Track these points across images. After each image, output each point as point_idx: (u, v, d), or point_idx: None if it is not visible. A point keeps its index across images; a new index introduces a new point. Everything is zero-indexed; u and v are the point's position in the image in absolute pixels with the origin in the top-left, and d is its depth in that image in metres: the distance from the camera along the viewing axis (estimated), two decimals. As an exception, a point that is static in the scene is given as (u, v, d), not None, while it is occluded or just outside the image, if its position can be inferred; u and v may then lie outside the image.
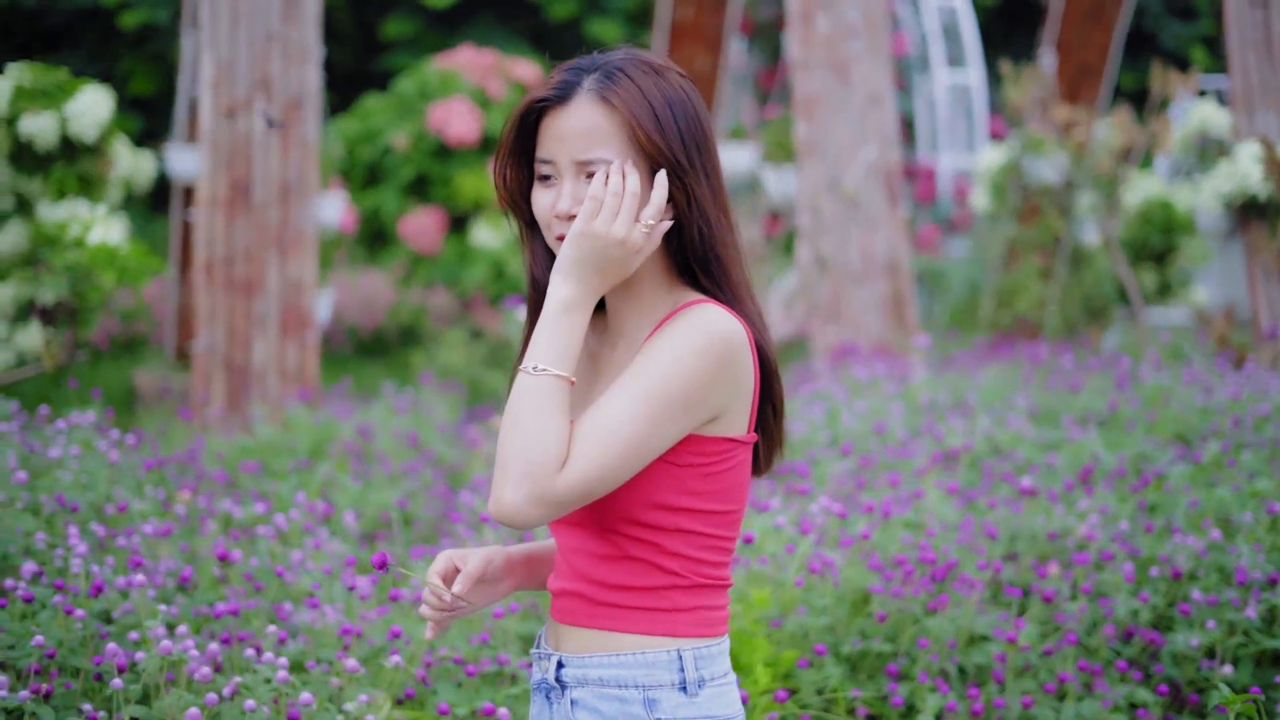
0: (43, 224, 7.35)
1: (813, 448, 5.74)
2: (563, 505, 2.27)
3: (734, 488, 2.42)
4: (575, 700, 2.42)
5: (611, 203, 2.32)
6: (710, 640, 2.42)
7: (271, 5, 8.33)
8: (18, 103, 10.37)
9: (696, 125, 2.39)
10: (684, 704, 2.38)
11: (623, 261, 2.34)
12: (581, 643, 2.43)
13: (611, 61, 2.40)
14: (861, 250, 8.61)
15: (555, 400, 2.29)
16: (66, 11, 18.22)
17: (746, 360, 2.37)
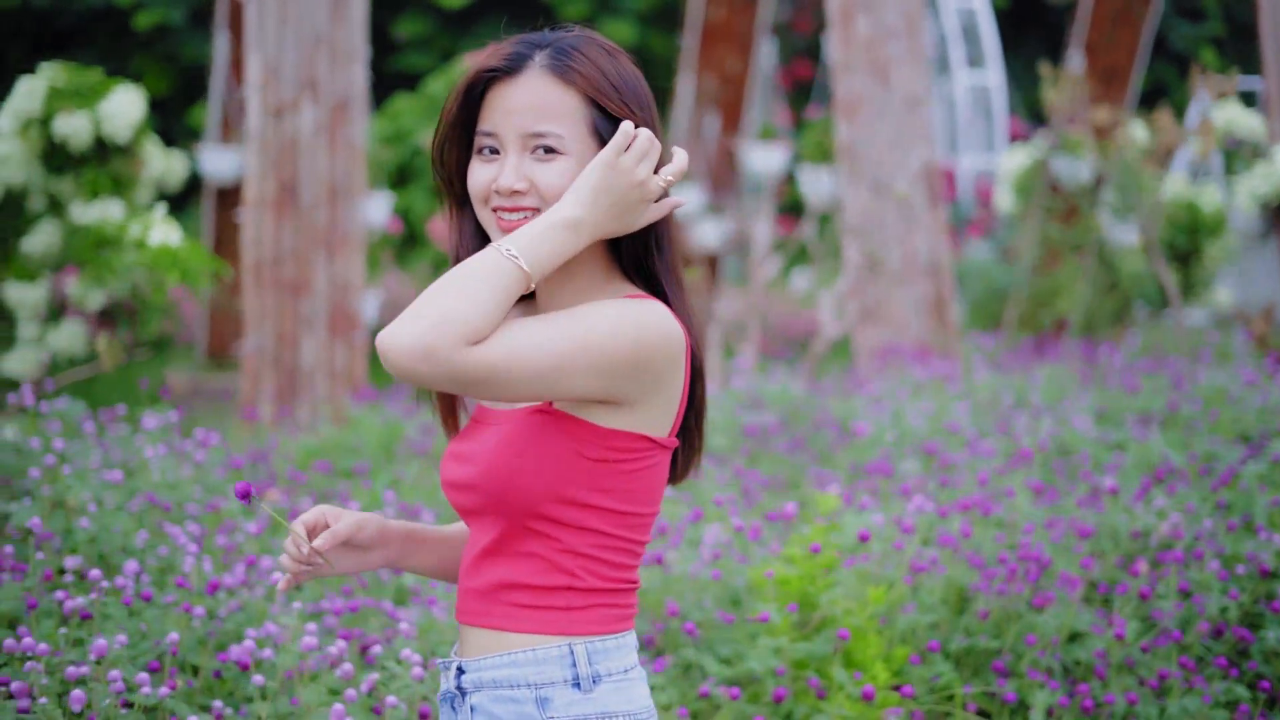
0: (99, 225, 7.36)
1: (882, 447, 5.79)
2: (450, 376, 2.14)
3: (646, 490, 2.34)
4: (474, 706, 2.36)
5: (643, 144, 2.26)
6: (608, 636, 2.35)
7: (319, 7, 8.36)
8: (52, 103, 10.41)
9: (649, 112, 2.35)
10: (577, 700, 2.31)
11: (634, 207, 2.26)
12: (479, 644, 2.37)
13: (565, 39, 2.35)
14: (903, 251, 8.65)
15: (505, 286, 2.18)
16: (78, 12, 18.23)
17: (677, 365, 2.30)
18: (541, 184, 2.29)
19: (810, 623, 3.99)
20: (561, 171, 2.29)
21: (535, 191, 2.30)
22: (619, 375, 2.24)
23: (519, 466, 2.28)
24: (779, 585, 4.02)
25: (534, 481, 2.28)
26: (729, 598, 4.26)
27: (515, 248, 2.20)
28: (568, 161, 2.29)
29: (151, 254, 7.05)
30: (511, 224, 2.31)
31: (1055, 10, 19.87)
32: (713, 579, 4.20)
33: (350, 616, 4.04)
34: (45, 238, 10.64)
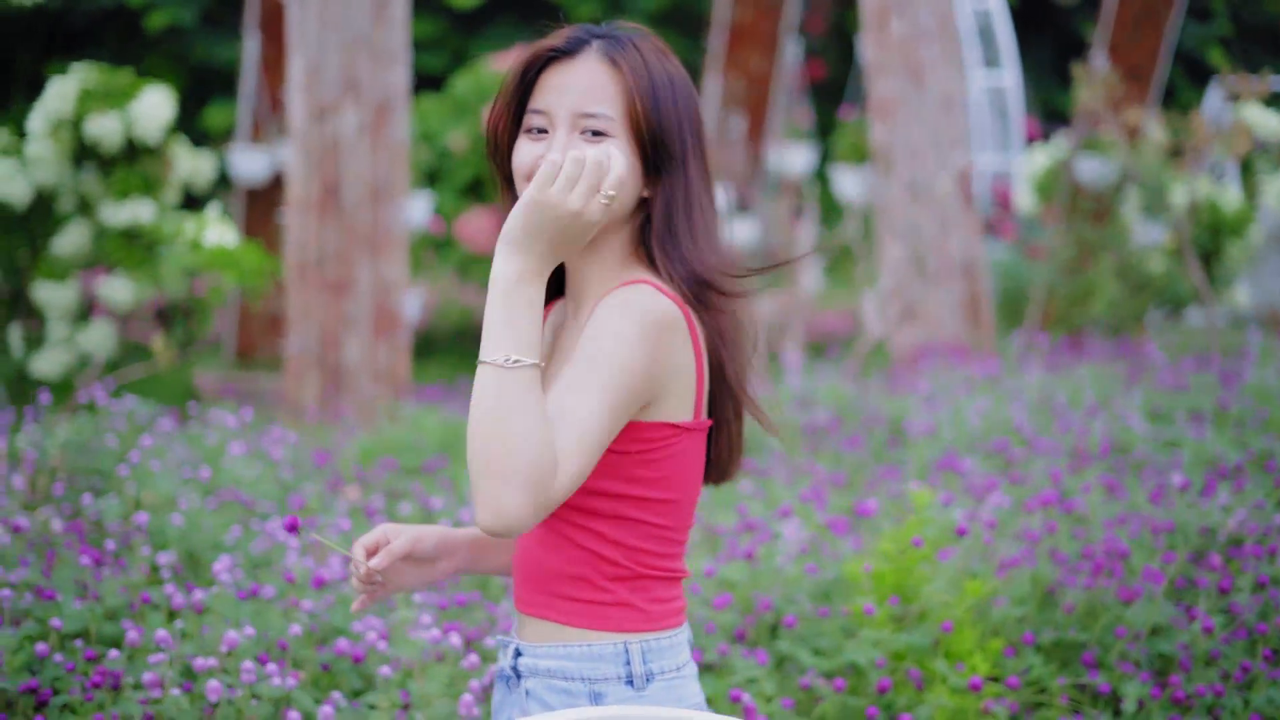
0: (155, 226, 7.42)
1: (943, 445, 5.86)
2: (541, 509, 2.17)
3: (677, 475, 2.38)
4: (529, 691, 2.42)
5: (571, 169, 2.23)
6: (661, 633, 2.40)
7: (360, 8, 8.42)
8: (83, 104, 10.46)
9: (692, 111, 2.40)
10: (631, 698, 2.36)
11: (579, 234, 2.25)
12: (536, 632, 2.42)
13: (623, 31, 2.42)
14: (938, 251, 8.73)
15: (536, 394, 2.18)
16: (89, 13, 18.26)
17: (680, 341, 2.33)
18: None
19: (906, 615, 4.06)
20: (613, 153, 2.32)
21: None
22: (649, 384, 2.29)
23: None
24: (874, 579, 4.10)
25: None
26: (819, 591, 4.33)
27: (505, 351, 2.19)
28: (614, 145, 2.34)
29: (207, 255, 7.09)
30: None
31: (1064, 11, 19.96)
32: (807, 573, 4.27)
33: (456, 610, 4.11)
34: (75, 238, 10.70)
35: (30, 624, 4.01)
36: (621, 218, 2.40)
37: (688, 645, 2.46)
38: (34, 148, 10.50)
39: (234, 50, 17.96)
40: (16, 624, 3.97)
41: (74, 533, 4.84)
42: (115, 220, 10.46)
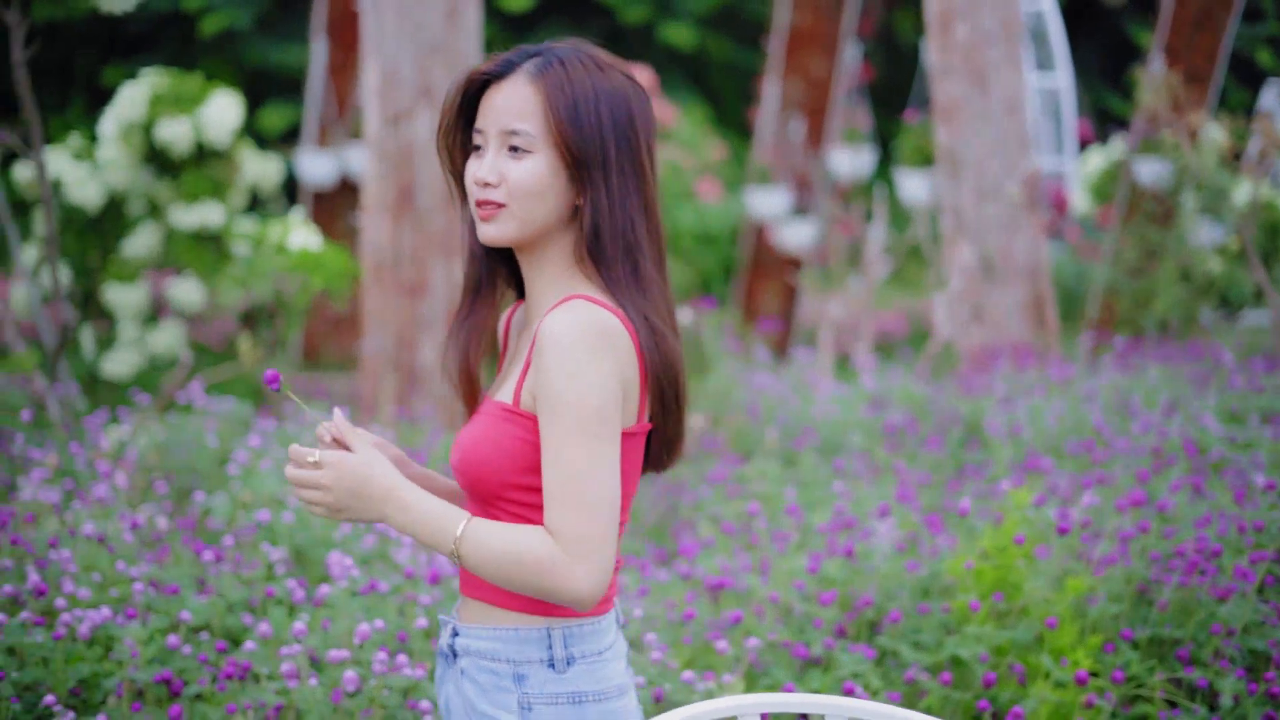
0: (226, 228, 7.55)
1: (1026, 446, 5.95)
2: (605, 575, 2.39)
3: (625, 476, 2.51)
4: (463, 670, 2.57)
5: (314, 506, 2.47)
6: (585, 619, 2.53)
7: (434, 14, 8.55)
8: (154, 109, 10.62)
9: (623, 123, 2.51)
10: (551, 680, 2.50)
11: (350, 490, 2.43)
12: (472, 613, 2.58)
13: (555, 50, 2.54)
14: (1003, 253, 8.81)
15: (492, 538, 2.41)
16: (146, 18, 18.44)
17: (623, 349, 2.44)
18: (509, 179, 2.50)
19: (1009, 611, 4.17)
20: (529, 169, 2.49)
21: (505, 185, 2.50)
22: (615, 396, 2.42)
23: (485, 456, 2.49)
24: (975, 576, 4.20)
25: (498, 471, 2.48)
26: (918, 588, 4.44)
27: (449, 541, 2.43)
28: (534, 159, 2.49)
29: (294, 258, 7.23)
30: (486, 214, 2.52)
31: (1113, 12, 19.98)
32: (907, 570, 4.38)
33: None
34: (145, 241, 10.86)
35: (156, 617, 4.13)
36: (555, 224, 2.54)
37: (614, 629, 2.60)
38: (105, 152, 10.68)
39: (289, 53, 18.12)
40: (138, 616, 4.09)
41: (182, 530, 4.97)
42: (184, 223, 10.63)
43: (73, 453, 5.86)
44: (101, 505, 5.01)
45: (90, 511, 4.93)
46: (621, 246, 2.50)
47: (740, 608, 4.35)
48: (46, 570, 4.34)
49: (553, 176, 2.50)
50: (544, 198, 2.50)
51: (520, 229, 2.51)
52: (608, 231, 2.50)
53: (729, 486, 5.68)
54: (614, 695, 2.55)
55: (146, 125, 10.67)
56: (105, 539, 4.56)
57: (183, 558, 4.67)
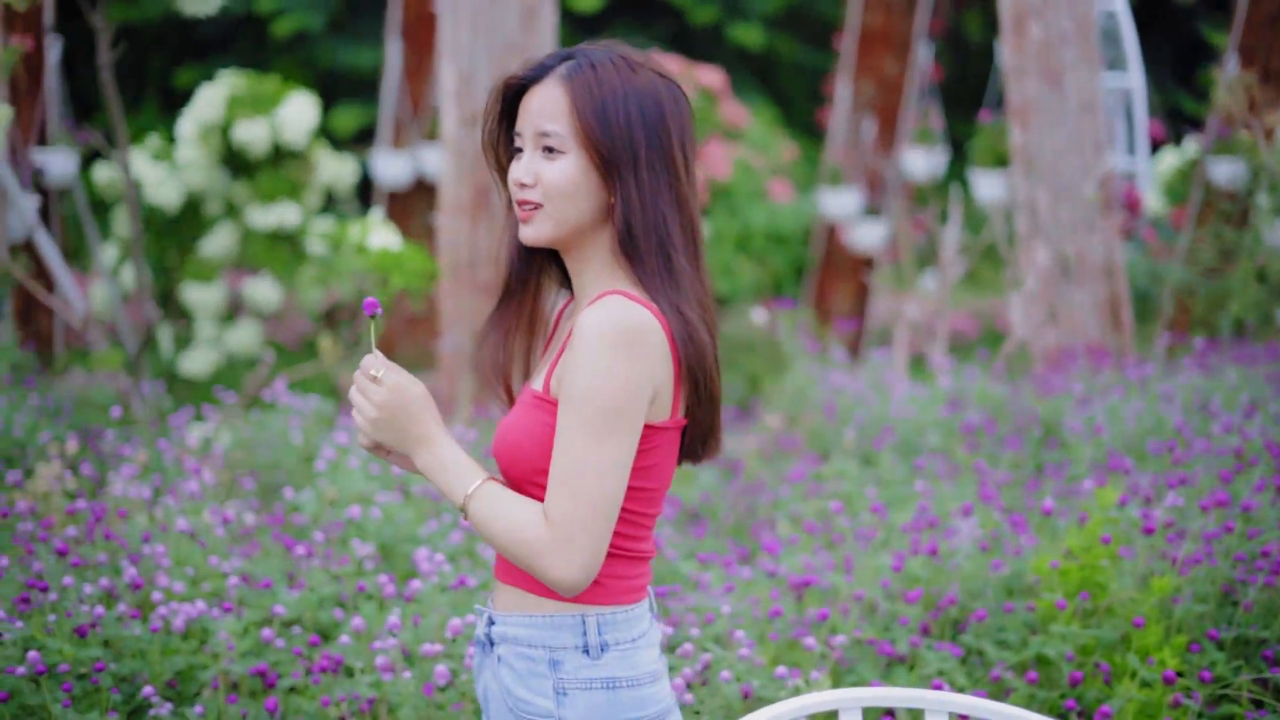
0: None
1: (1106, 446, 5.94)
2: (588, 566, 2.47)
3: (653, 468, 2.58)
4: (500, 657, 2.62)
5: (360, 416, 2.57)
6: (619, 608, 2.59)
7: (510, 16, 8.61)
8: (232, 110, 10.74)
9: (653, 121, 2.57)
10: (586, 665, 2.56)
11: (396, 415, 2.53)
12: (507, 600, 2.64)
13: (587, 52, 2.62)
14: (1079, 254, 8.79)
15: (499, 503, 2.51)
16: (219, 20, 18.60)
17: (656, 346, 2.50)
18: (544, 180, 2.57)
19: (1094, 611, 4.18)
20: (561, 169, 2.56)
21: (540, 186, 2.58)
22: (641, 394, 2.49)
23: (517, 440, 2.57)
24: (1060, 575, 4.22)
25: (528, 457, 2.55)
26: (1001, 587, 4.46)
27: (459, 495, 2.54)
28: (566, 160, 2.56)
29: (374, 257, 7.30)
30: (525, 214, 2.60)
31: (1184, 12, 19.85)
32: (992, 569, 4.39)
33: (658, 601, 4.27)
34: (222, 241, 10.99)
35: (249, 611, 4.20)
36: (591, 223, 2.60)
37: (648, 618, 2.65)
38: (184, 153, 10.81)
39: (360, 55, 18.24)
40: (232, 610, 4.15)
41: (270, 525, 5.04)
42: (261, 223, 10.75)
43: (160, 449, 5.95)
44: (191, 501, 5.09)
45: (181, 507, 5.01)
46: (654, 242, 2.56)
47: (825, 605, 4.38)
48: (140, 564, 4.42)
49: (584, 176, 2.57)
50: (576, 197, 2.57)
51: (556, 228, 2.58)
52: (640, 227, 2.56)
53: (807, 485, 5.70)
54: (647, 681, 2.60)
55: (224, 126, 10.80)
56: (196, 534, 4.64)
57: (272, 553, 4.75)
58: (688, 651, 3.70)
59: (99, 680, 3.87)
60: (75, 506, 4.87)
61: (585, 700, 2.54)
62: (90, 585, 4.20)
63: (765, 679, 3.83)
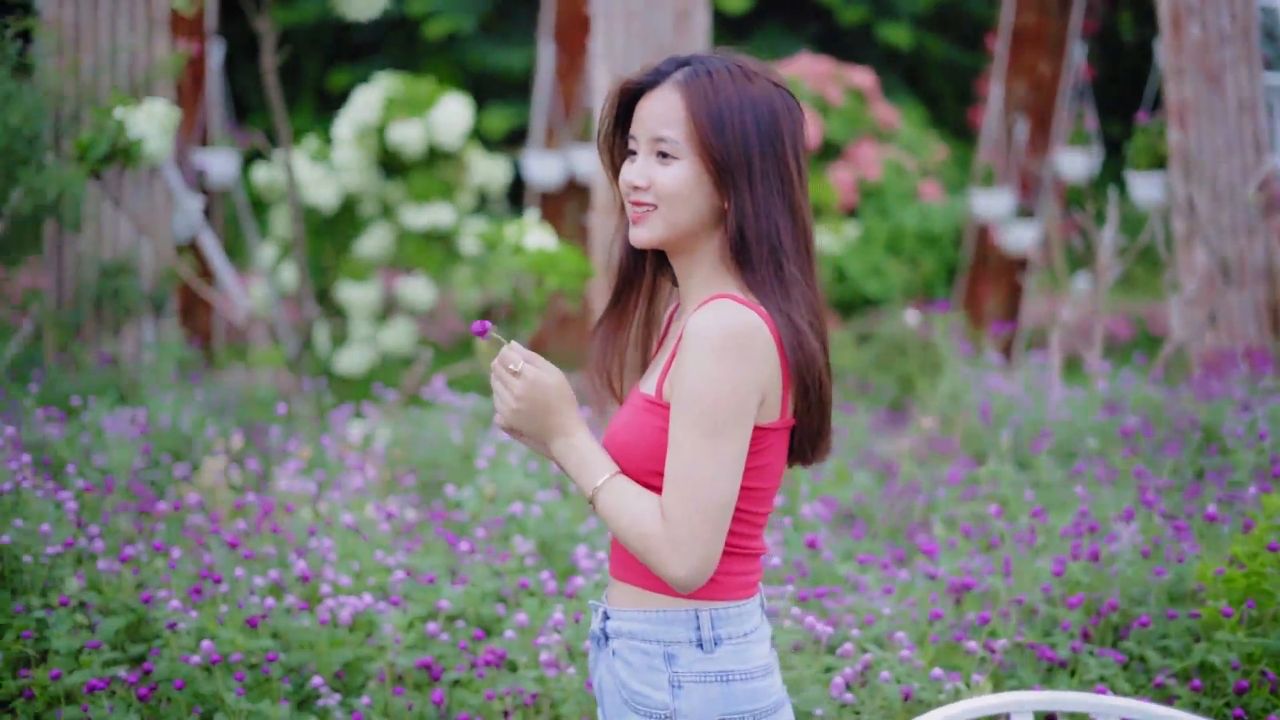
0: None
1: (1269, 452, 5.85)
2: (703, 564, 2.52)
3: (764, 468, 2.62)
4: (615, 651, 2.66)
5: (499, 404, 2.63)
6: (730, 603, 2.63)
7: (664, 18, 8.65)
8: (388, 112, 10.90)
9: (768, 129, 2.59)
10: (700, 659, 2.60)
11: (536, 408, 2.60)
12: (622, 596, 2.69)
13: (704, 60, 2.65)
14: (1240, 257, 8.65)
15: (625, 498, 2.56)
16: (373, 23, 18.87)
17: (763, 350, 2.53)
18: (657, 183, 2.61)
19: (1260, 619, 4.12)
20: (674, 175, 2.60)
21: (654, 189, 2.61)
22: (746, 400, 2.52)
23: (628, 442, 2.62)
24: (1224, 583, 4.17)
25: (640, 459, 2.60)
26: (1165, 592, 4.41)
27: (589, 486, 2.60)
28: (680, 166, 2.60)
29: (530, 257, 7.39)
30: (636, 215, 2.64)
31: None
32: (1155, 575, 4.35)
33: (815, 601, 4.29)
34: (377, 241, 11.16)
35: (414, 605, 4.28)
36: (702, 227, 2.64)
37: (759, 613, 2.70)
38: (340, 154, 10.99)
39: (511, 57, 18.41)
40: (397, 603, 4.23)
41: (432, 521, 5.13)
42: (415, 223, 10.90)
43: (323, 446, 6.08)
44: (355, 496, 5.19)
45: (345, 502, 5.11)
46: (766, 249, 2.60)
47: (985, 609, 4.36)
48: (308, 558, 4.52)
49: (697, 182, 2.61)
50: (689, 202, 2.61)
51: (667, 231, 2.62)
52: (752, 235, 2.59)
53: (963, 488, 5.68)
54: (759, 675, 2.64)
55: (380, 128, 10.97)
56: (360, 529, 4.74)
57: (435, 548, 4.83)
58: (848, 651, 3.71)
59: (269, 670, 3.97)
60: (243, 500, 4.99)
61: (700, 693, 2.59)
62: (260, 577, 4.31)
63: (924, 681, 3.83)
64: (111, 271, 7.89)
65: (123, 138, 7.05)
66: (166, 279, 8.10)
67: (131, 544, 4.63)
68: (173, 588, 4.24)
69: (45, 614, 4.11)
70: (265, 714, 3.82)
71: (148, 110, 7.10)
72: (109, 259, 7.94)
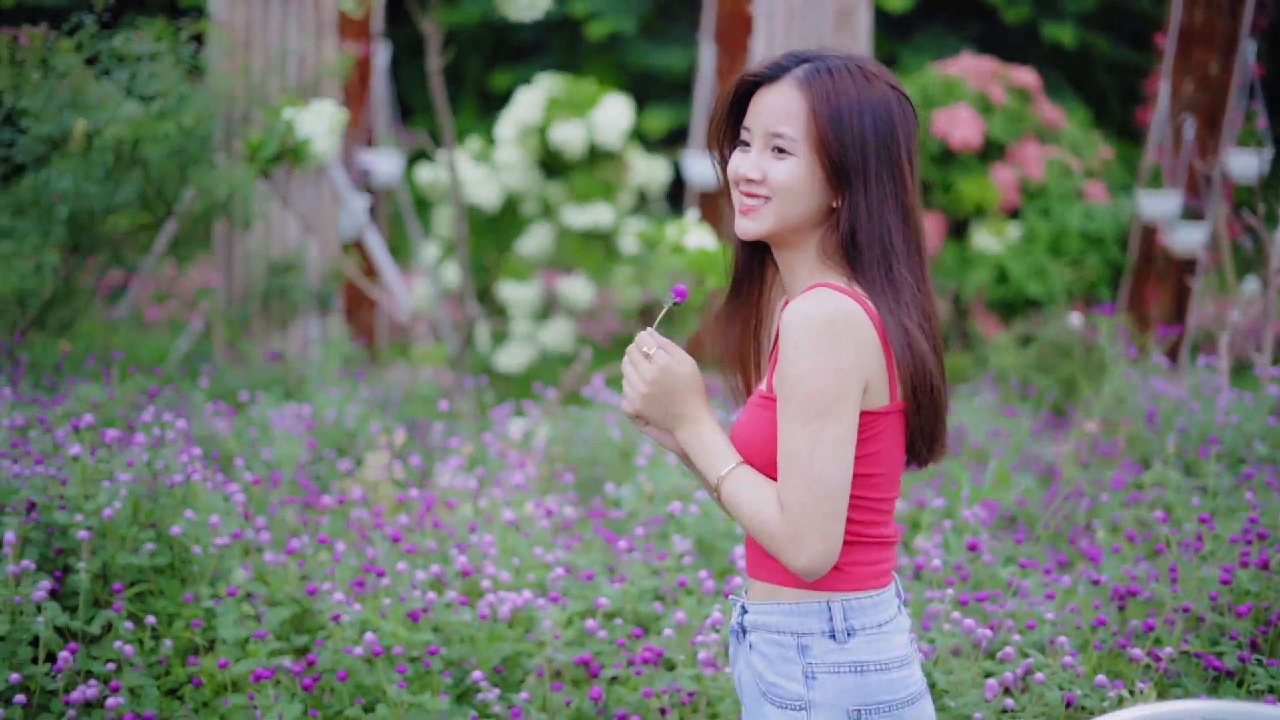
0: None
1: None
2: (825, 549, 2.52)
3: (880, 453, 2.61)
4: (752, 644, 2.69)
5: (628, 388, 2.67)
6: (863, 593, 2.63)
7: (825, 18, 8.62)
8: (549, 112, 10.98)
9: (885, 132, 2.60)
10: (833, 650, 2.61)
11: (667, 392, 2.63)
12: (758, 592, 2.70)
13: (825, 58, 2.65)
14: None
15: (746, 488, 2.58)
16: (535, 24, 19.03)
17: (862, 334, 2.53)
18: (771, 178, 2.62)
19: None
20: (788, 169, 2.61)
21: (768, 183, 2.63)
22: (849, 382, 2.52)
23: (748, 439, 2.65)
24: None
25: (761, 454, 2.62)
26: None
27: (714, 476, 2.63)
28: (795, 162, 2.61)
29: (691, 257, 7.40)
30: (745, 207, 2.66)
31: None
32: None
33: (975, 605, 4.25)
34: (538, 240, 11.25)
35: (573, 601, 4.30)
36: (810, 223, 2.65)
37: (895, 603, 2.70)
38: (503, 154, 11.11)
39: (671, 57, 18.45)
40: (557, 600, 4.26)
41: (591, 519, 5.16)
42: (576, 223, 10.98)
43: (484, 442, 6.14)
44: (515, 493, 5.24)
45: (505, 498, 5.16)
46: (878, 251, 2.61)
47: (1149, 616, 4.29)
48: (469, 553, 4.57)
49: (810, 178, 2.62)
50: (801, 197, 2.62)
51: (776, 224, 2.64)
52: (864, 236, 2.61)
53: (1127, 493, 5.59)
54: (896, 665, 2.64)
55: (542, 128, 11.06)
56: (520, 525, 4.78)
57: (593, 545, 4.86)
58: (1008, 656, 3.67)
59: (430, 663, 4.02)
60: (406, 495, 5.06)
61: (835, 683, 2.60)
62: (421, 571, 4.37)
63: (1086, 688, 3.78)
64: (279, 269, 8.04)
65: (291, 138, 7.19)
66: (332, 277, 8.24)
67: (297, 536, 4.72)
68: (336, 580, 4.32)
69: (213, 604, 4.21)
70: (425, 706, 3.87)
71: (315, 111, 7.23)
72: (277, 257, 8.09)
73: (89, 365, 6.94)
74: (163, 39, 7.26)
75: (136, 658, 4.06)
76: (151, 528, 4.41)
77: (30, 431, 5.18)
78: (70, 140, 7.03)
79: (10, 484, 4.46)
